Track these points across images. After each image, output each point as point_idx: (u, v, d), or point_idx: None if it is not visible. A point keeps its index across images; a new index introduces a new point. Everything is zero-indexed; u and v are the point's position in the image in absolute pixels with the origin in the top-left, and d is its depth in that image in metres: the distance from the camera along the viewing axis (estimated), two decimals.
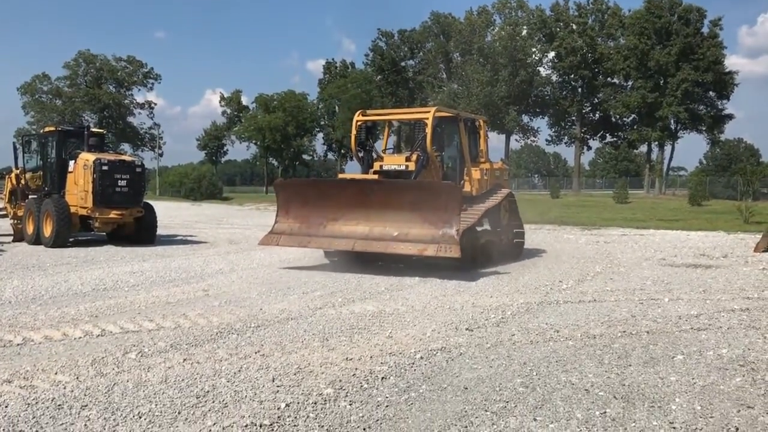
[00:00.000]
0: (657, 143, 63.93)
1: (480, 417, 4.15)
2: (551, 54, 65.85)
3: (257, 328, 6.50)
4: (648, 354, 5.68)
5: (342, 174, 16.96)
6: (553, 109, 67.67)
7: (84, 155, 14.49)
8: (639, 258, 13.02)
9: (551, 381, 4.88)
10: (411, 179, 11.10)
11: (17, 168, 16.54)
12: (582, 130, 67.83)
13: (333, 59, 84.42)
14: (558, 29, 65.39)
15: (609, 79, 65.79)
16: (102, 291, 8.61)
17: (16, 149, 16.52)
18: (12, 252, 13.27)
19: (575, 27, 65.30)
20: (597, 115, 68.15)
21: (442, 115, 12.36)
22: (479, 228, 11.77)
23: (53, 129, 15.99)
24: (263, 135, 70.38)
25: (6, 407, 4.19)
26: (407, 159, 11.49)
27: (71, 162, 14.79)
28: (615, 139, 69.23)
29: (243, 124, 76.74)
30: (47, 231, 14.09)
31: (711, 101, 62.38)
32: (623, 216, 27.84)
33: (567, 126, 69.04)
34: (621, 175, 77.71)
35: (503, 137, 68.11)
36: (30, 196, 15.65)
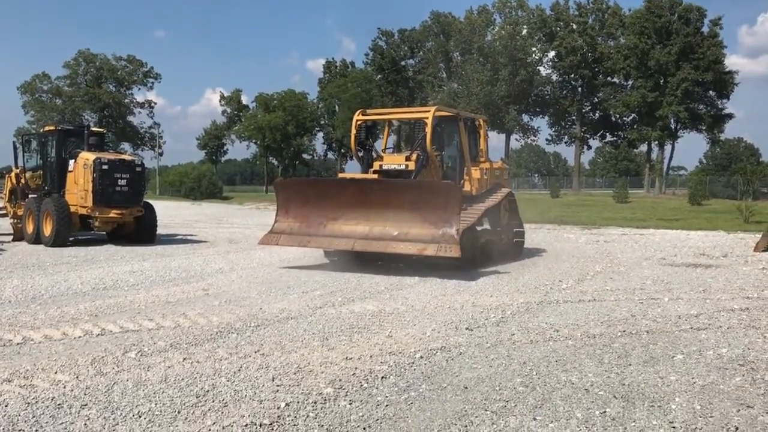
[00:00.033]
0: (657, 142, 63.89)
1: (480, 416, 4.15)
2: (551, 53, 65.86)
3: (257, 327, 6.50)
4: (648, 353, 5.68)
5: (342, 173, 16.95)
6: (553, 109, 67.64)
7: (84, 154, 14.49)
8: (639, 257, 13.02)
9: (551, 380, 4.88)
10: (411, 179, 11.09)
11: (17, 167, 16.55)
12: (582, 129, 67.80)
13: (333, 58, 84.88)
14: (558, 29, 65.36)
15: (609, 79, 65.74)
16: (102, 290, 8.61)
17: (16, 148, 16.55)
18: (12, 251, 13.27)
19: (575, 26, 65.26)
20: (597, 115, 68.11)
21: (442, 115, 12.36)
22: (479, 227, 11.78)
23: (53, 128, 15.98)
24: (263, 134, 70.34)
25: (6, 406, 4.19)
26: (407, 158, 11.49)
27: (71, 161, 14.79)
28: (615, 139, 69.19)
29: (243, 123, 76.69)
30: (47, 230, 14.10)
31: (711, 101, 62.34)
32: (623, 215, 27.84)
33: (567, 125, 69.01)
34: (621, 175, 77.76)
35: (503, 137, 68.17)
36: (30, 195, 15.67)
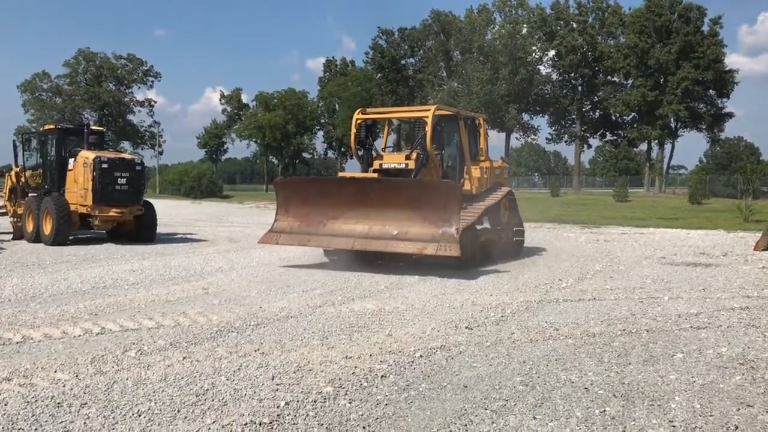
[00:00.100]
0: (657, 141, 63.87)
1: (480, 415, 4.15)
2: (551, 52, 65.85)
3: (257, 326, 6.50)
4: (648, 352, 5.68)
5: (342, 172, 16.95)
6: (554, 108, 67.63)
7: (84, 153, 14.49)
8: (639, 256, 13.02)
9: (551, 379, 4.88)
10: (411, 178, 11.09)
11: (17, 166, 16.56)
12: (582, 128, 67.79)
13: (333, 57, 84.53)
14: (558, 27, 65.35)
15: (609, 78, 65.75)
16: (102, 289, 8.61)
17: (16, 147, 16.56)
18: (12, 250, 13.27)
19: (575, 25, 65.26)
20: (597, 114, 68.12)
21: (442, 114, 12.35)
22: (479, 226, 11.78)
23: (53, 127, 15.99)
24: (263, 133, 70.28)
25: (5, 405, 4.18)
26: (407, 157, 11.48)
27: (71, 160, 14.79)
28: (615, 138, 69.20)
29: (243, 122, 76.66)
30: (47, 229, 14.10)
31: (711, 100, 62.33)
32: (623, 214, 27.84)
33: (567, 124, 69.02)
34: (621, 174, 77.81)
35: (503, 135, 68.11)
36: (30, 194, 15.66)
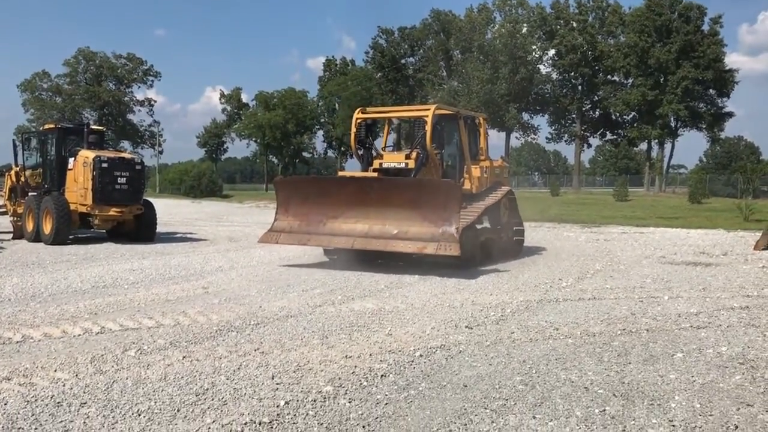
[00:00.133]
0: (657, 141, 63.84)
1: (479, 415, 4.15)
2: (551, 51, 65.84)
3: (257, 325, 6.50)
4: (647, 352, 5.68)
5: (342, 172, 16.94)
6: (554, 107, 67.61)
7: (84, 152, 14.49)
8: (639, 256, 13.02)
9: (551, 379, 4.88)
10: (411, 177, 11.09)
11: (17, 165, 16.55)
12: (582, 127, 67.76)
13: (333, 57, 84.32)
14: (558, 27, 65.33)
15: (609, 77, 65.73)
16: (101, 288, 8.61)
17: (16, 146, 16.57)
18: (12, 249, 13.27)
19: (575, 24, 65.23)
20: (597, 113, 68.09)
21: (442, 113, 12.34)
22: (479, 226, 11.77)
23: (53, 126, 15.99)
24: (263, 132, 70.28)
25: (5, 404, 4.18)
26: (407, 157, 11.47)
27: (71, 159, 14.79)
28: (615, 137, 69.18)
29: (243, 121, 76.65)
30: (47, 228, 14.10)
31: (711, 99, 62.30)
32: (623, 214, 27.84)
33: (567, 124, 69.00)
34: (621, 173, 77.81)
35: (503, 135, 68.09)
36: (30, 193, 15.65)
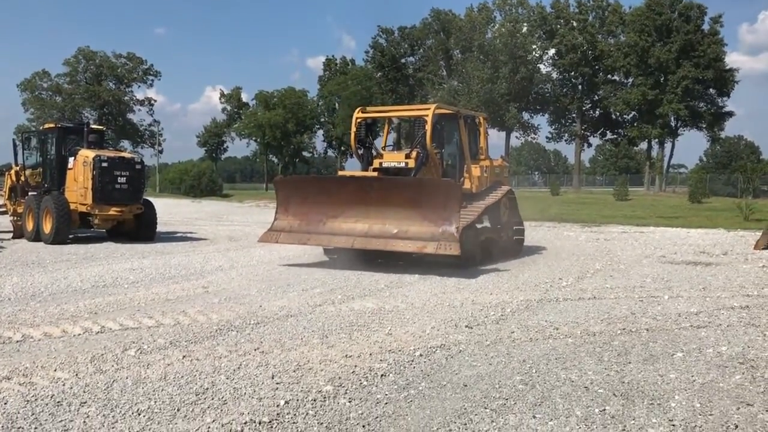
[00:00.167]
0: (657, 140, 63.80)
1: (479, 414, 4.15)
2: (551, 51, 65.81)
3: (257, 325, 6.50)
4: (647, 351, 5.68)
5: (342, 171, 16.94)
6: (554, 106, 67.58)
7: (84, 152, 14.49)
8: (639, 255, 13.02)
9: (551, 378, 4.88)
10: (411, 176, 11.08)
11: (17, 164, 16.55)
12: (582, 127, 67.73)
13: (333, 56, 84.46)
14: (558, 26, 65.29)
15: (609, 76, 65.68)
16: (101, 288, 8.61)
17: (15, 146, 16.57)
18: (12, 249, 13.26)
19: (576, 24, 65.19)
20: (597, 112, 68.06)
21: (442, 112, 12.34)
22: (479, 225, 11.76)
23: (53, 126, 15.98)
24: (263, 132, 70.28)
25: (5, 404, 4.18)
26: (407, 156, 11.47)
27: (71, 159, 14.79)
28: (615, 137, 69.16)
29: (243, 121, 76.65)
30: (47, 228, 14.10)
31: (711, 98, 62.25)
32: (623, 213, 27.83)
33: (567, 123, 68.97)
34: (621, 173, 77.78)
35: (503, 134, 68.02)
36: (30, 193, 15.66)
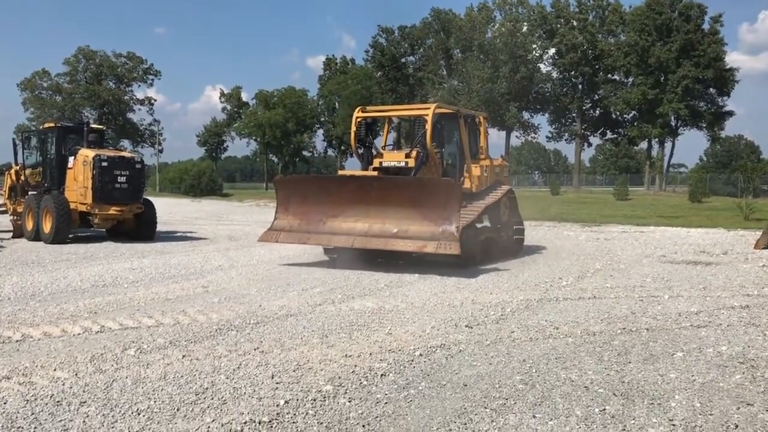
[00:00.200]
0: (657, 140, 63.77)
1: (479, 414, 4.14)
2: (552, 50, 65.79)
3: (256, 324, 6.50)
4: (648, 351, 5.67)
5: (342, 170, 16.94)
6: (554, 106, 67.57)
7: (83, 151, 14.49)
8: (639, 255, 13.02)
9: (551, 378, 4.87)
10: (411, 176, 11.08)
11: (17, 164, 16.55)
12: (582, 126, 67.71)
13: (333, 55, 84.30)
14: (558, 26, 65.28)
15: (609, 76, 65.65)
16: (101, 287, 8.60)
17: (15, 145, 16.57)
18: (11, 248, 13.26)
19: (576, 23, 65.17)
20: (597, 112, 68.04)
21: (442, 112, 12.33)
22: (479, 225, 11.76)
23: (53, 125, 15.99)
24: (263, 131, 70.28)
25: (5, 403, 4.18)
26: (407, 155, 11.47)
27: (71, 158, 14.79)
28: (615, 136, 69.15)
29: (243, 120, 76.65)
30: (47, 227, 14.10)
31: (711, 98, 62.25)
32: (623, 213, 27.83)
33: (567, 123, 68.95)
34: (621, 172, 77.80)
35: (503, 134, 67.99)
36: (29, 192, 15.66)
